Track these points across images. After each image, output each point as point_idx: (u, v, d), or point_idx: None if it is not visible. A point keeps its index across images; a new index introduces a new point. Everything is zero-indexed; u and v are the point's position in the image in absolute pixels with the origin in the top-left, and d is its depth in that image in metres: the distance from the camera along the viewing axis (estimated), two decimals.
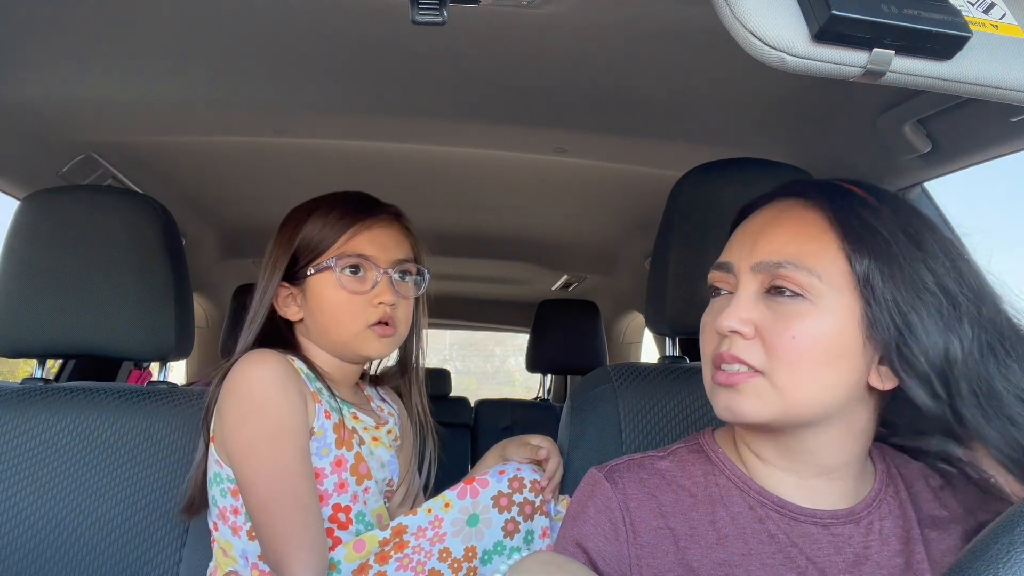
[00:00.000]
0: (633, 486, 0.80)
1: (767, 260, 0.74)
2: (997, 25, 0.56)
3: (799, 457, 0.76)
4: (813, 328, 0.71)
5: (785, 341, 0.71)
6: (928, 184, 1.39)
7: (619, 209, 2.04)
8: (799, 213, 0.76)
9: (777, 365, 0.71)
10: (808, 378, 0.71)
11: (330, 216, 1.08)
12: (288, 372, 1.02)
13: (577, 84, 1.26)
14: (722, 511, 0.77)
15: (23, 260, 1.22)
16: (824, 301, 0.71)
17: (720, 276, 0.79)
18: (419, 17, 0.76)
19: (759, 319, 0.72)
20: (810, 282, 0.72)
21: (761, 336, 0.72)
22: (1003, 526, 0.41)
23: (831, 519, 0.75)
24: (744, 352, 0.72)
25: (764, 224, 0.77)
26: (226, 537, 1.04)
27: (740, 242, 0.78)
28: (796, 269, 0.72)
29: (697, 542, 0.76)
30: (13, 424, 1.19)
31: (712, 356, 0.76)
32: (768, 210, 0.79)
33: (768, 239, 0.75)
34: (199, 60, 1.22)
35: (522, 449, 1.12)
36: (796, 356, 0.71)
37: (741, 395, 0.72)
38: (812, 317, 0.71)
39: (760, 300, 0.74)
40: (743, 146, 1.38)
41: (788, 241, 0.74)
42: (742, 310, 0.73)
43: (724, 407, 0.74)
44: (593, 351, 2.76)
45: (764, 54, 0.53)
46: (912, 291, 0.70)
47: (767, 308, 0.73)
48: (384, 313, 1.07)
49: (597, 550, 0.78)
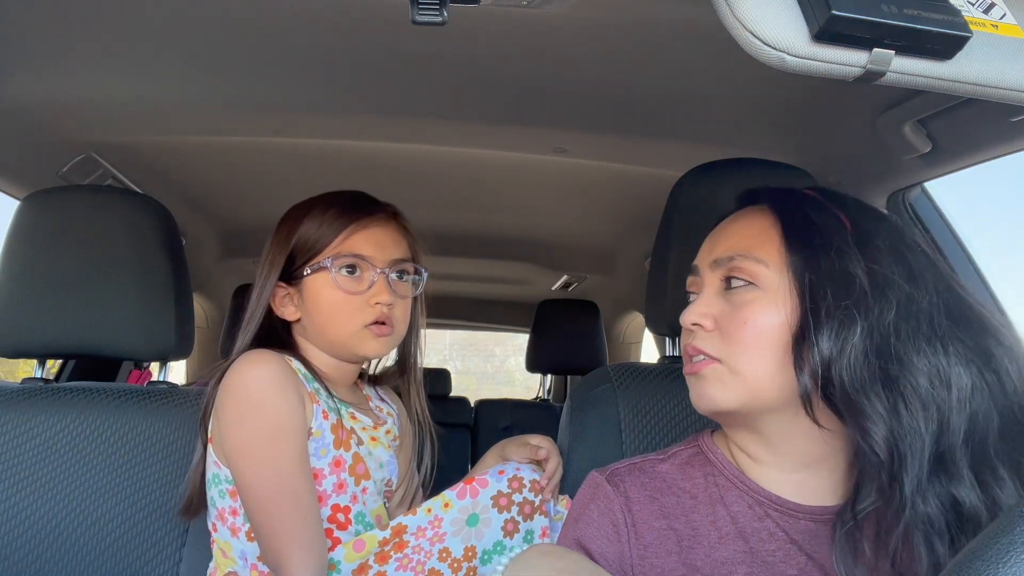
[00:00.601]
0: (635, 489, 0.82)
1: (722, 256, 0.80)
2: (997, 25, 0.56)
3: (777, 448, 0.78)
4: (763, 313, 0.75)
5: (738, 326, 0.76)
6: (928, 184, 1.39)
7: (619, 209, 2.04)
8: (750, 214, 0.82)
9: (733, 350, 0.75)
10: (764, 361, 0.74)
11: (326, 216, 1.08)
12: (286, 372, 1.02)
13: (577, 84, 1.26)
14: (723, 510, 0.79)
15: (23, 260, 1.22)
16: (773, 288, 0.76)
17: (692, 280, 0.84)
18: (419, 17, 0.76)
19: (718, 313, 0.77)
20: (758, 270, 0.76)
21: (719, 327, 0.77)
22: (1003, 526, 0.41)
23: (828, 514, 0.75)
24: (702, 342, 0.77)
25: (721, 228, 0.84)
26: (225, 538, 1.04)
27: (704, 247, 0.84)
28: (745, 259, 0.77)
29: (700, 542, 0.78)
30: (13, 424, 1.19)
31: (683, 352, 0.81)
32: (726, 220, 0.85)
33: (723, 238, 0.82)
34: (199, 60, 1.22)
35: (522, 449, 1.12)
36: (749, 340, 0.75)
37: (705, 381, 0.77)
38: (763, 303, 0.75)
39: (720, 296, 0.79)
40: (743, 146, 1.38)
41: (741, 238, 0.80)
42: (702, 305, 0.79)
43: (695, 396, 0.78)
44: (593, 351, 2.76)
45: (764, 54, 0.53)
46: (836, 283, 0.72)
47: (726, 302, 0.78)
48: (381, 313, 1.06)
49: (599, 551, 0.79)
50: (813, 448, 0.76)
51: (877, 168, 1.36)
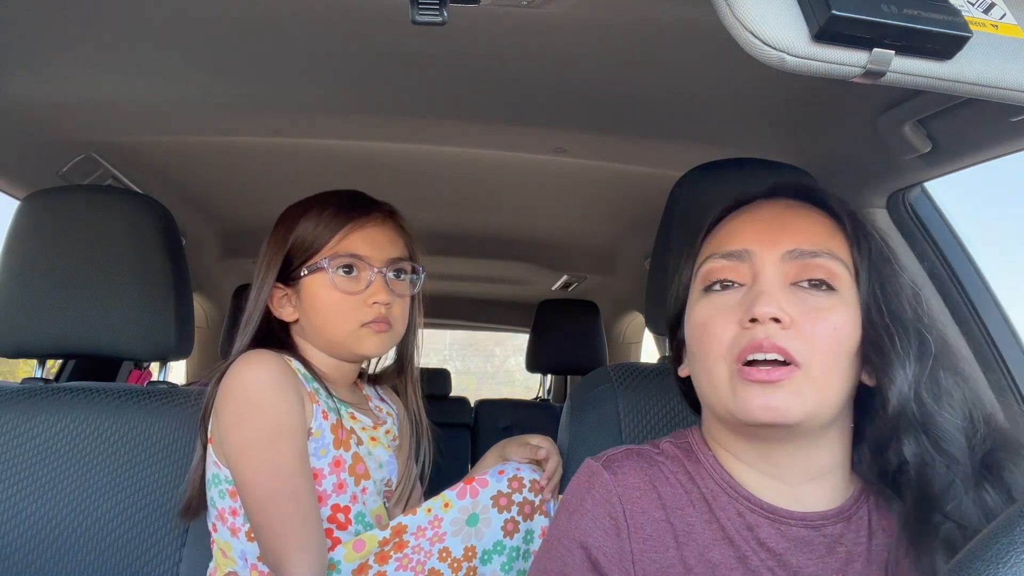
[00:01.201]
0: (633, 475, 0.77)
1: (802, 248, 0.71)
2: (997, 25, 0.56)
3: (789, 464, 0.74)
4: (845, 321, 0.70)
5: (827, 331, 0.69)
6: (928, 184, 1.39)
7: (619, 209, 2.04)
8: (807, 210, 0.75)
9: (815, 357, 0.68)
10: (838, 373, 0.70)
11: (323, 216, 1.07)
12: (285, 372, 1.02)
13: (577, 84, 1.26)
14: (719, 511, 0.76)
15: (23, 260, 1.22)
16: (848, 294, 0.71)
17: (730, 267, 0.74)
18: (419, 17, 0.76)
19: (794, 311, 0.69)
20: (841, 273, 0.71)
21: (796, 327, 0.69)
22: (1003, 526, 0.41)
23: (822, 520, 0.74)
24: (786, 340, 0.68)
25: (779, 215, 0.75)
26: (225, 538, 1.04)
27: (754, 231, 0.74)
28: (832, 259, 0.71)
29: (695, 540, 0.74)
30: (13, 424, 1.19)
31: (735, 350, 0.70)
32: (769, 206, 0.77)
33: (793, 229, 0.73)
34: (199, 60, 1.22)
35: (522, 449, 1.12)
36: (835, 348, 0.69)
37: (783, 392, 0.68)
38: (842, 310, 0.70)
39: (787, 291, 0.71)
40: (743, 146, 1.38)
41: (815, 232, 0.73)
42: (779, 297, 0.69)
43: (762, 406, 0.68)
44: (593, 351, 2.76)
45: (764, 54, 0.53)
46: (895, 294, 0.72)
47: (796, 299, 0.70)
48: (379, 313, 1.06)
49: (597, 545, 0.75)
50: (828, 460, 0.74)
51: (877, 168, 1.35)
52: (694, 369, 0.78)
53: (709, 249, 0.78)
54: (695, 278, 0.79)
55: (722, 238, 0.77)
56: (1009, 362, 1.32)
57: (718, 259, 0.75)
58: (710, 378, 0.73)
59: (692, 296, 0.79)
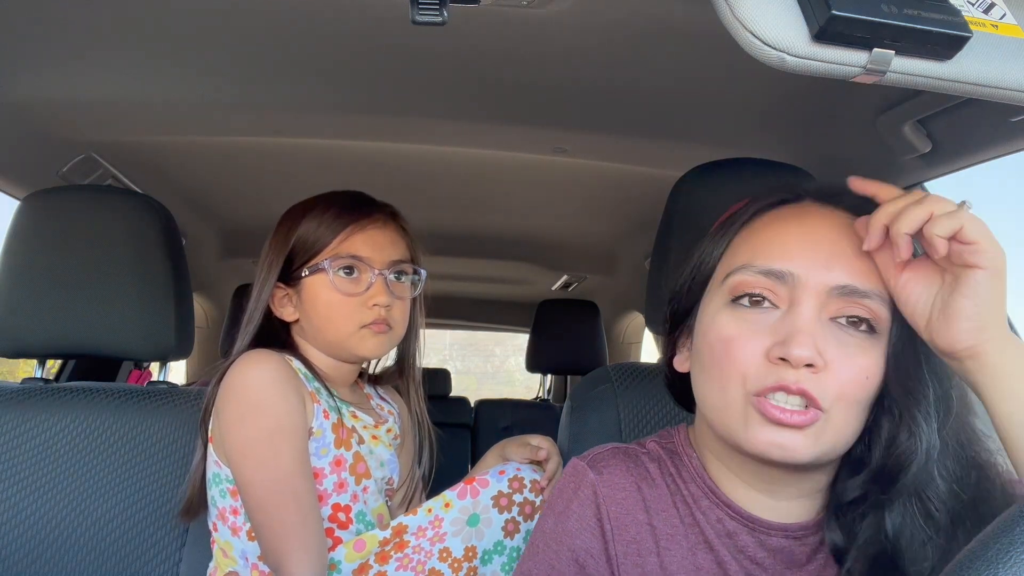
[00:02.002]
0: (619, 475, 0.76)
1: (853, 285, 0.65)
2: (997, 25, 0.56)
3: (781, 485, 0.72)
4: (876, 365, 0.65)
5: (857, 377, 0.64)
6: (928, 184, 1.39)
7: (619, 209, 2.04)
8: (855, 237, 0.67)
9: (839, 403, 0.64)
10: (855, 420, 0.66)
11: (325, 217, 1.08)
12: (286, 372, 1.02)
13: (577, 83, 1.26)
14: (699, 515, 0.74)
15: (23, 260, 1.22)
16: (884, 338, 0.66)
17: (769, 285, 0.67)
18: (419, 17, 0.76)
19: (826, 352, 0.64)
20: (886, 318, 0.66)
21: (829, 370, 0.64)
22: (1003, 526, 0.41)
23: (802, 531, 0.72)
24: (816, 387, 0.63)
25: (833, 237, 0.68)
26: (226, 538, 1.04)
27: (801, 251, 0.67)
28: (882, 303, 0.66)
29: (676, 544, 0.73)
30: (13, 424, 1.19)
31: (757, 383, 0.65)
32: (821, 219, 0.70)
33: (846, 259, 0.67)
34: (199, 60, 1.22)
35: (522, 449, 1.12)
36: (861, 395, 0.65)
37: (800, 435, 0.64)
38: (876, 354, 0.66)
39: (824, 327, 0.65)
40: (743, 146, 1.37)
41: (868, 266, 0.66)
42: (817, 337, 0.64)
43: (775, 445, 0.64)
44: (593, 351, 2.76)
45: (764, 54, 0.53)
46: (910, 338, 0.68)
47: (832, 338, 0.65)
48: (379, 315, 1.07)
49: (585, 548, 0.74)
50: (821, 483, 0.72)
51: (877, 168, 1.35)
52: (701, 379, 0.73)
53: (744, 254, 0.70)
54: (720, 282, 0.72)
55: (762, 247, 0.70)
56: None
57: (755, 273, 0.68)
58: (721, 400, 0.69)
59: (713, 298, 0.73)
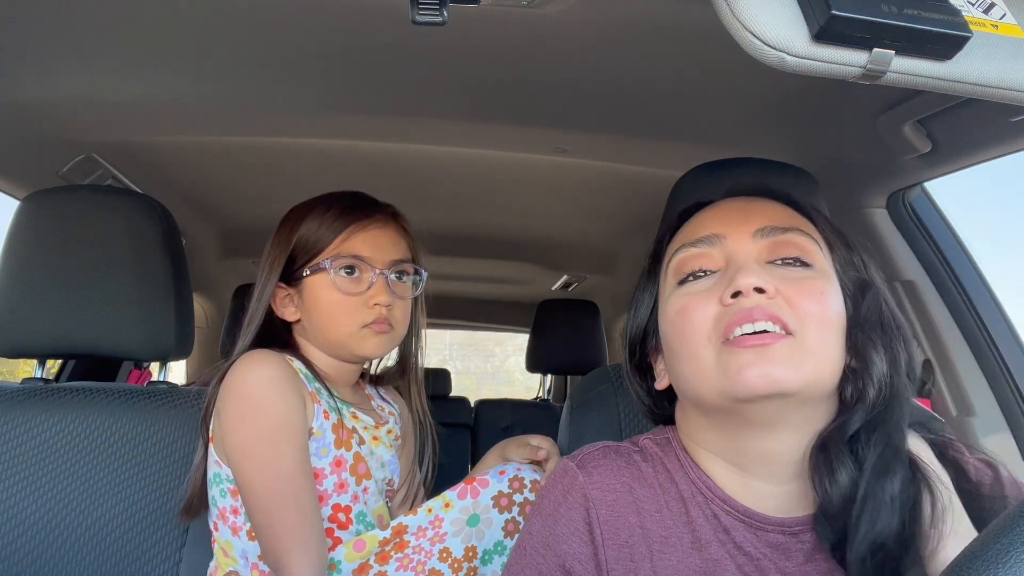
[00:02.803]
0: (610, 476, 0.75)
1: (773, 224, 0.71)
2: (997, 25, 0.56)
3: (773, 455, 0.71)
4: (829, 289, 0.70)
5: (815, 300, 0.68)
6: (928, 184, 1.39)
7: (619, 209, 2.04)
8: (769, 202, 0.76)
9: (808, 325, 0.67)
10: (832, 344, 0.69)
11: (326, 217, 1.08)
12: (286, 372, 1.02)
13: (577, 84, 1.26)
14: (696, 512, 0.73)
15: (23, 260, 1.22)
16: (827, 274, 0.71)
17: (701, 254, 0.73)
18: (419, 17, 0.76)
19: (767, 283, 0.68)
20: (814, 249, 0.71)
21: (783, 297, 0.68)
22: (1003, 526, 0.41)
23: (799, 526, 0.71)
24: (778, 310, 0.67)
25: (743, 204, 0.76)
26: (226, 537, 1.04)
27: (720, 217, 0.75)
28: (803, 236, 0.71)
29: (671, 545, 0.72)
30: (13, 424, 1.19)
31: (720, 327, 0.68)
32: (729, 200, 0.78)
33: (760, 211, 0.73)
34: (199, 60, 1.22)
35: (522, 449, 1.12)
36: (825, 318, 0.68)
37: (779, 357, 0.65)
38: (823, 280, 0.70)
39: (765, 269, 0.70)
40: (743, 146, 1.37)
41: (782, 212, 0.73)
42: (759, 271, 0.68)
43: (759, 374, 0.65)
44: (593, 351, 2.76)
45: (764, 54, 0.53)
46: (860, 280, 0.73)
47: (775, 275, 0.69)
48: (380, 314, 1.07)
49: (572, 553, 0.73)
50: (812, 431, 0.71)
51: (877, 168, 1.36)
52: (676, 365, 0.73)
53: (677, 243, 0.77)
54: (666, 276, 0.77)
55: (689, 231, 0.77)
56: (1009, 362, 1.32)
57: (688, 248, 0.74)
58: (696, 364, 0.70)
59: (664, 292, 0.77)
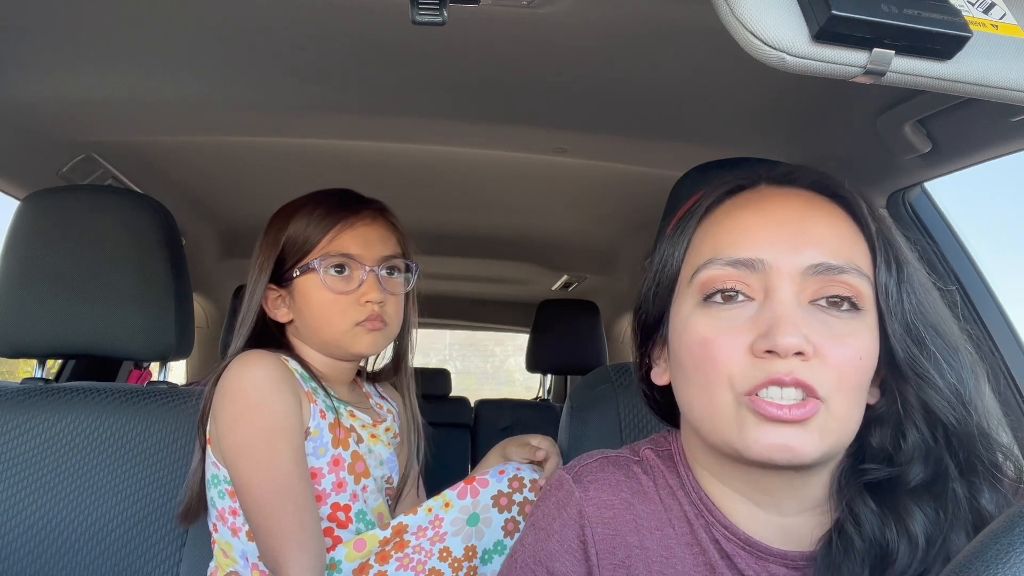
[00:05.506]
0: (608, 491, 0.70)
1: (828, 262, 0.61)
2: (997, 25, 0.56)
3: (784, 494, 0.66)
4: (869, 347, 0.61)
5: (852, 361, 0.60)
6: (928, 184, 1.39)
7: (619, 209, 2.04)
8: (828, 211, 0.64)
9: (838, 391, 0.59)
10: (857, 405, 0.62)
11: (313, 216, 1.08)
12: (282, 372, 1.02)
13: (577, 84, 1.26)
14: (700, 533, 0.68)
15: (23, 260, 1.22)
16: (871, 314, 0.62)
17: (740, 276, 0.62)
18: (419, 17, 0.76)
19: (813, 337, 0.59)
20: (867, 292, 0.62)
21: (820, 356, 0.59)
22: (1003, 526, 0.41)
23: (804, 561, 0.65)
24: (811, 376, 0.58)
25: (798, 217, 0.63)
26: (226, 538, 1.04)
27: (767, 235, 0.63)
28: (859, 277, 0.61)
29: (673, 565, 0.67)
30: (13, 424, 1.19)
31: (746, 383, 0.60)
32: (781, 200, 0.65)
33: (815, 236, 0.62)
34: (199, 60, 1.22)
35: (522, 449, 1.12)
36: (859, 380, 0.60)
37: (804, 431, 0.59)
38: (866, 334, 0.61)
39: (803, 311, 0.61)
40: (743, 146, 1.37)
41: (841, 240, 0.62)
42: (800, 323, 0.59)
43: (779, 446, 0.59)
44: (593, 351, 2.76)
45: (764, 54, 0.53)
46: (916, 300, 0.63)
47: (817, 323, 0.60)
48: (372, 311, 1.06)
49: (564, 572, 0.68)
50: (823, 490, 0.66)
51: (877, 168, 1.35)
52: (684, 388, 0.67)
53: (708, 249, 0.66)
54: (688, 282, 0.67)
55: (726, 237, 0.65)
56: (1009, 362, 1.32)
57: (722, 266, 0.63)
58: (710, 408, 0.63)
59: (684, 301, 0.67)
